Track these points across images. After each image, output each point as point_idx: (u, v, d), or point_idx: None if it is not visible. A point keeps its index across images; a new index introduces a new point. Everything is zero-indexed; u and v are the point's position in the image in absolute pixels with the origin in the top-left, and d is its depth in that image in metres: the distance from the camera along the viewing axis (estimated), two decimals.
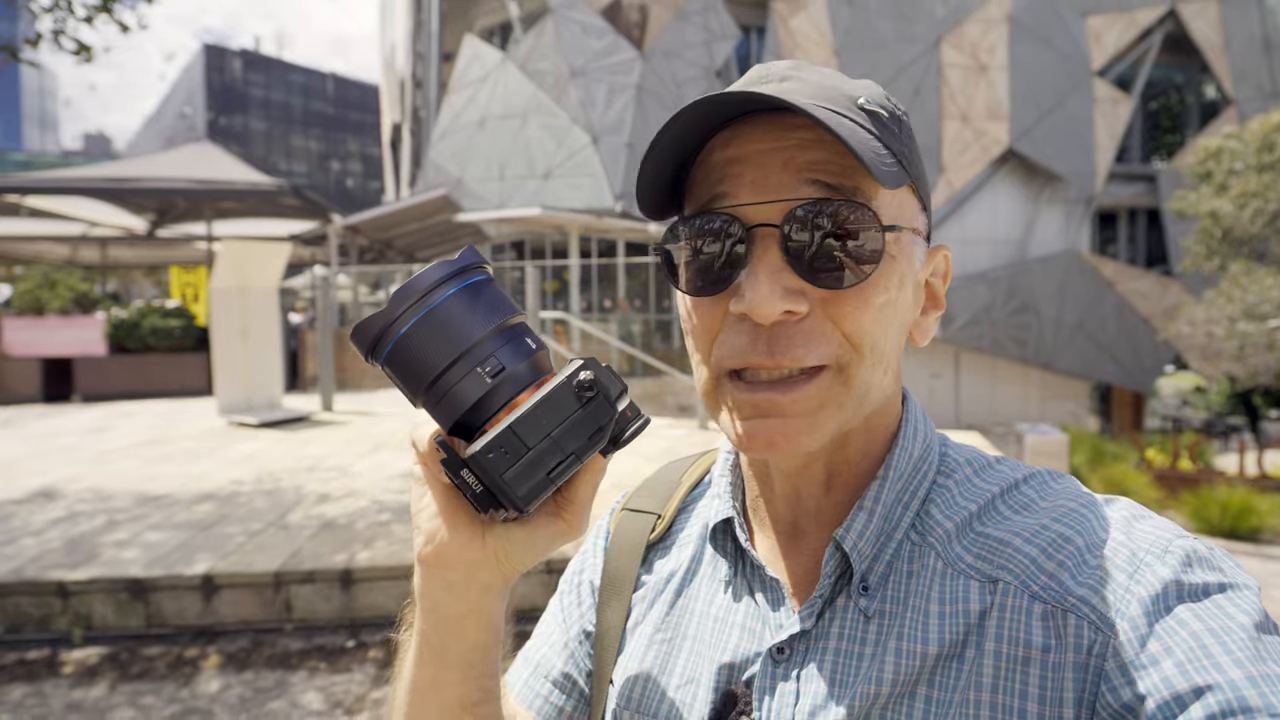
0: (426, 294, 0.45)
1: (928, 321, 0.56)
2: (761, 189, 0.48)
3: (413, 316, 0.44)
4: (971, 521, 0.51)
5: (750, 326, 0.48)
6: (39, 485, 5.43)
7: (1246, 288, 11.48)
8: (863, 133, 0.47)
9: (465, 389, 0.44)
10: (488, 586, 0.50)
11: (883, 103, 0.51)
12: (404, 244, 16.46)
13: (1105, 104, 17.06)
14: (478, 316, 0.45)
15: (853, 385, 0.48)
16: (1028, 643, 0.45)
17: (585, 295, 15.09)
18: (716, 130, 0.50)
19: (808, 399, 0.48)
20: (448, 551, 0.48)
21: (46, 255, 17.21)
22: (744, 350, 0.48)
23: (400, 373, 0.46)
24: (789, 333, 0.47)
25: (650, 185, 0.51)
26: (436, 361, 0.44)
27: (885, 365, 0.50)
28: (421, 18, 19.53)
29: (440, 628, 0.51)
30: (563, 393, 0.44)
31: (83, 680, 3.18)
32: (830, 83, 0.51)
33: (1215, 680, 0.39)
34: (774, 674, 0.52)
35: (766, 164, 0.48)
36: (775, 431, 0.48)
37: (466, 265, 0.46)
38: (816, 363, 0.47)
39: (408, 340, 0.44)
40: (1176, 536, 0.46)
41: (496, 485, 0.43)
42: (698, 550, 0.62)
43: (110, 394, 10.92)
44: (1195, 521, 7.96)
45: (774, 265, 0.47)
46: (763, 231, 0.48)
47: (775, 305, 0.46)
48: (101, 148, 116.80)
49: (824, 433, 0.49)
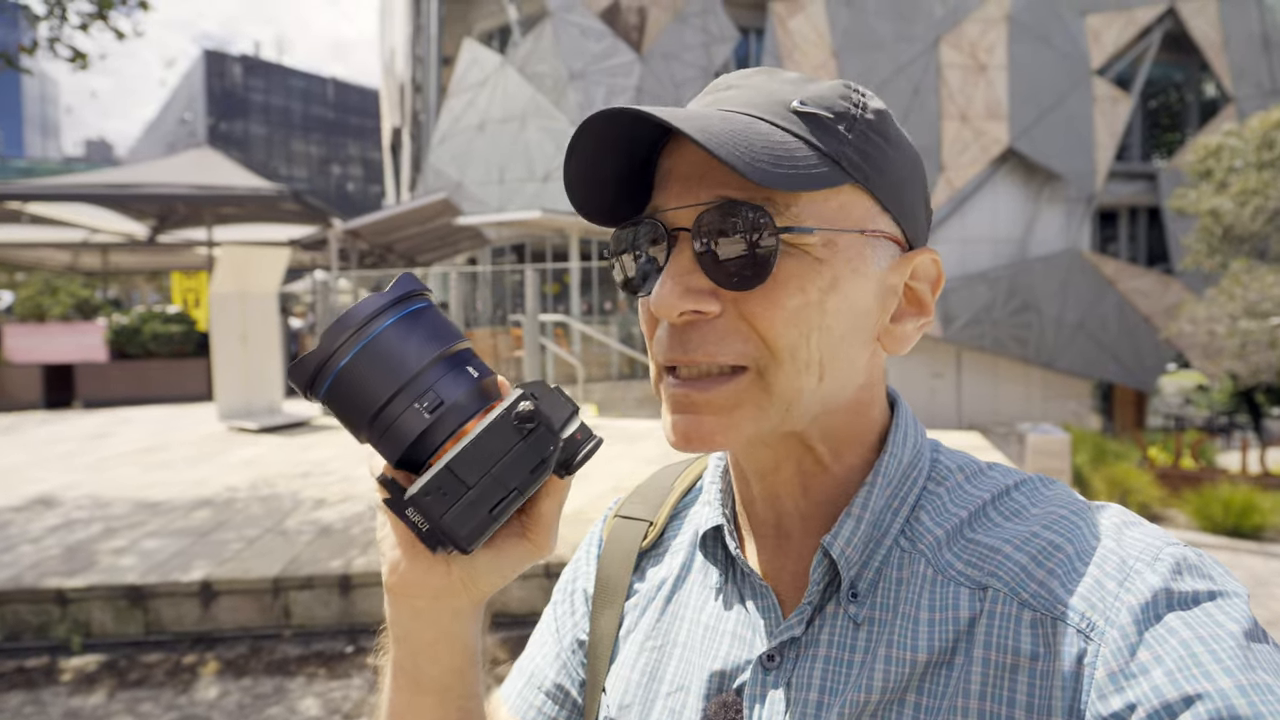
0: (363, 326, 0.43)
1: (904, 328, 0.54)
2: (680, 197, 0.50)
3: (350, 350, 0.43)
4: (962, 528, 0.51)
5: (669, 325, 0.50)
6: (38, 492, 5.43)
7: (1248, 285, 11.47)
8: (773, 135, 0.46)
9: (405, 425, 0.43)
10: (457, 612, 0.50)
11: (831, 103, 0.49)
12: (404, 248, 16.47)
13: (1105, 102, 17.07)
14: (416, 346, 0.44)
15: (773, 389, 0.49)
16: (1016, 650, 0.44)
17: (586, 298, 15.11)
18: (666, 138, 0.52)
19: (723, 398, 0.49)
20: (412, 580, 0.48)
21: (48, 262, 17.25)
22: (666, 347, 0.50)
23: (341, 408, 0.44)
24: (701, 331, 0.49)
25: (584, 191, 0.52)
26: (376, 396, 0.43)
27: (817, 371, 0.49)
28: (421, 22, 19.58)
29: (412, 654, 0.52)
30: (501, 426, 0.43)
31: (81, 688, 3.17)
32: (774, 89, 0.50)
33: (1205, 689, 0.38)
34: (764, 681, 0.51)
35: (689, 176, 0.49)
36: (691, 427, 0.49)
37: (404, 294, 0.45)
38: (734, 361, 0.48)
39: (346, 375, 0.43)
40: (1166, 544, 0.46)
41: (437, 527, 0.43)
42: (688, 557, 0.62)
43: (111, 400, 10.94)
44: (1198, 520, 7.93)
45: (683, 267, 0.49)
46: (680, 235, 0.50)
47: (675, 304, 0.48)
48: (103, 154, 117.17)
49: (740, 432, 0.49)
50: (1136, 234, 19.17)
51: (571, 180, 0.51)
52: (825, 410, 0.51)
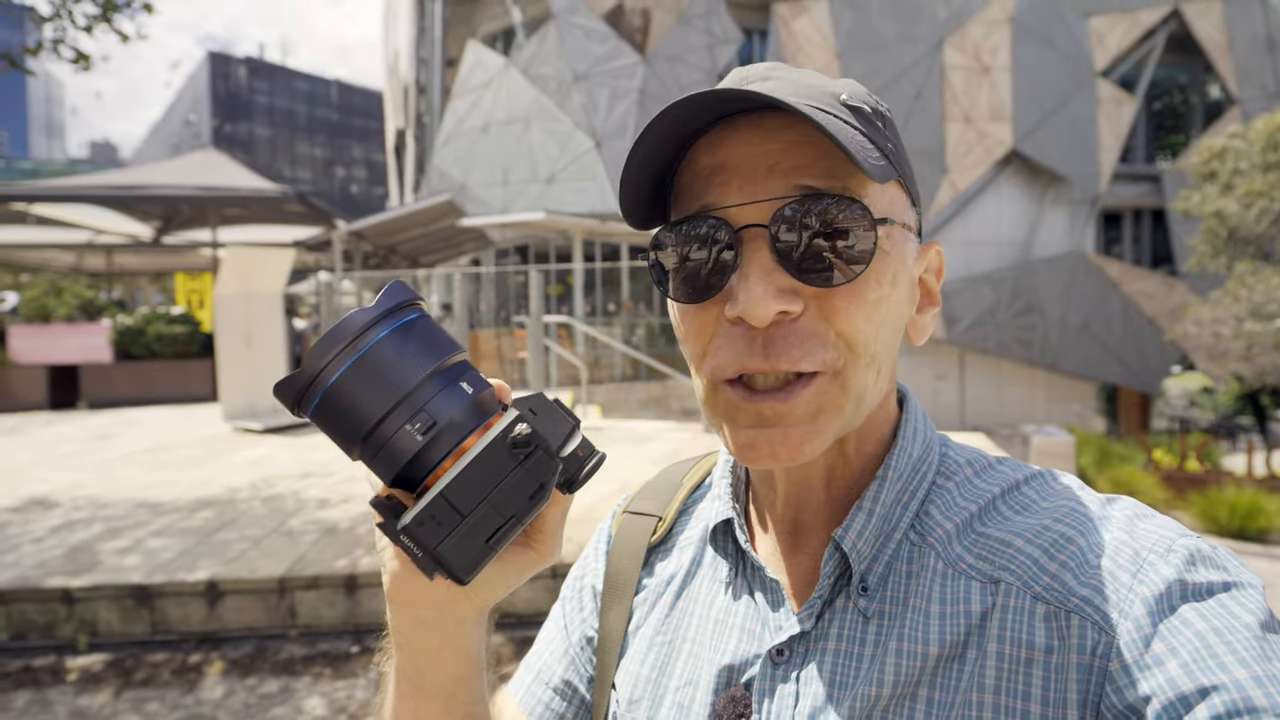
0: (354, 340, 0.41)
1: (924, 319, 0.55)
2: (747, 192, 0.47)
3: (340, 366, 0.41)
4: (972, 522, 0.51)
5: (745, 331, 0.47)
6: (44, 492, 5.45)
7: (1253, 287, 11.42)
8: (849, 129, 0.46)
9: (399, 445, 0.41)
10: (460, 620, 0.49)
11: (865, 99, 0.50)
12: (408, 249, 16.50)
13: (1109, 104, 17.03)
14: (410, 361, 0.42)
15: (849, 388, 0.48)
16: (1030, 644, 0.44)
17: (589, 299, 15.11)
18: (699, 133, 0.49)
19: (806, 405, 0.47)
20: (414, 592, 0.47)
21: (53, 263, 17.31)
22: (740, 355, 0.47)
23: (331, 426, 0.42)
24: (784, 334, 0.46)
25: (634, 191, 0.50)
26: (368, 415, 0.41)
27: (878, 365, 0.49)
28: (424, 24, 19.62)
29: (416, 662, 0.51)
30: (496, 452, 0.41)
31: (87, 687, 3.18)
32: (812, 81, 0.50)
33: (1220, 680, 0.38)
34: (773, 676, 0.51)
35: (753, 169, 0.47)
36: (777, 442, 0.47)
37: (396, 305, 0.43)
38: (813, 368, 0.47)
39: (335, 392, 0.41)
40: (1180, 535, 0.46)
41: (431, 557, 0.41)
42: (698, 552, 0.62)
43: (116, 401, 10.96)
44: (1203, 522, 7.91)
45: (765, 266, 0.46)
46: (751, 233, 0.47)
47: (770, 306, 0.45)
48: (107, 155, 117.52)
49: (825, 439, 0.48)
50: (1141, 236, 19.11)
51: (632, 178, 0.48)
52: (873, 406, 0.51)
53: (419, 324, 0.43)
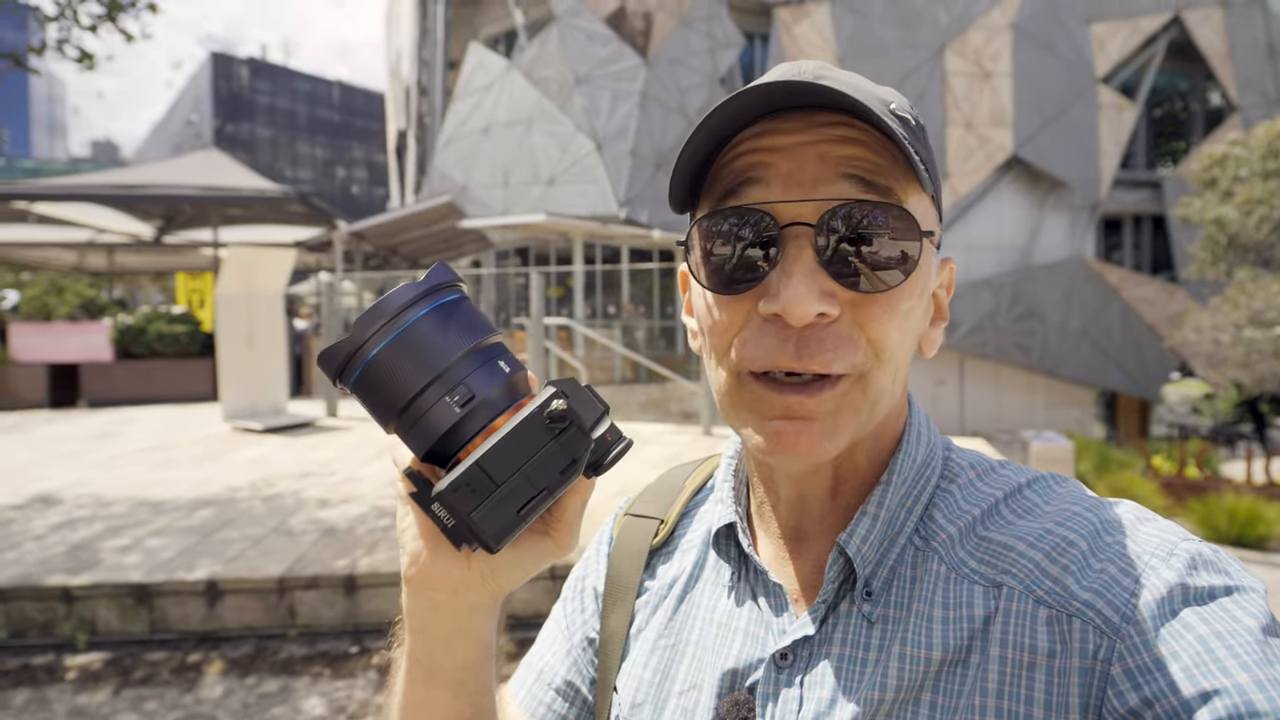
0: (396, 315, 0.43)
1: (935, 333, 0.56)
2: (796, 183, 0.47)
3: (383, 339, 0.42)
4: (975, 526, 0.51)
5: (779, 328, 0.47)
6: (43, 490, 5.45)
7: (1252, 294, 11.44)
8: (901, 135, 0.46)
9: (435, 417, 0.43)
10: (475, 606, 0.49)
11: (909, 110, 0.50)
12: (409, 250, 16.51)
13: (1110, 110, 17.06)
14: (449, 339, 0.43)
15: (870, 392, 0.48)
16: (1033, 648, 0.44)
17: (589, 301, 15.12)
18: (745, 126, 0.49)
19: (831, 404, 0.47)
20: (432, 572, 0.47)
21: (54, 261, 17.31)
22: (771, 352, 0.47)
23: (370, 398, 0.44)
24: (819, 336, 0.46)
25: (684, 175, 0.50)
26: (407, 387, 0.42)
27: (897, 373, 0.50)
28: (427, 25, 19.65)
29: (429, 646, 0.51)
30: (533, 425, 0.42)
31: (86, 685, 3.18)
32: (862, 85, 0.50)
33: (1223, 685, 0.38)
34: (777, 680, 0.51)
35: (801, 155, 0.47)
36: (801, 434, 0.48)
37: (438, 284, 0.44)
38: (842, 371, 0.47)
39: (377, 364, 0.42)
40: (1182, 539, 0.46)
41: (464, 524, 0.42)
42: (700, 555, 0.62)
43: (116, 399, 10.96)
44: (1202, 529, 7.90)
45: (809, 266, 0.46)
46: (797, 230, 0.46)
47: (811, 307, 0.45)
48: (109, 155, 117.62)
49: (843, 437, 0.48)
50: (1141, 242, 19.14)
51: (688, 162, 0.48)
52: (888, 412, 0.52)
53: (460, 305, 0.45)
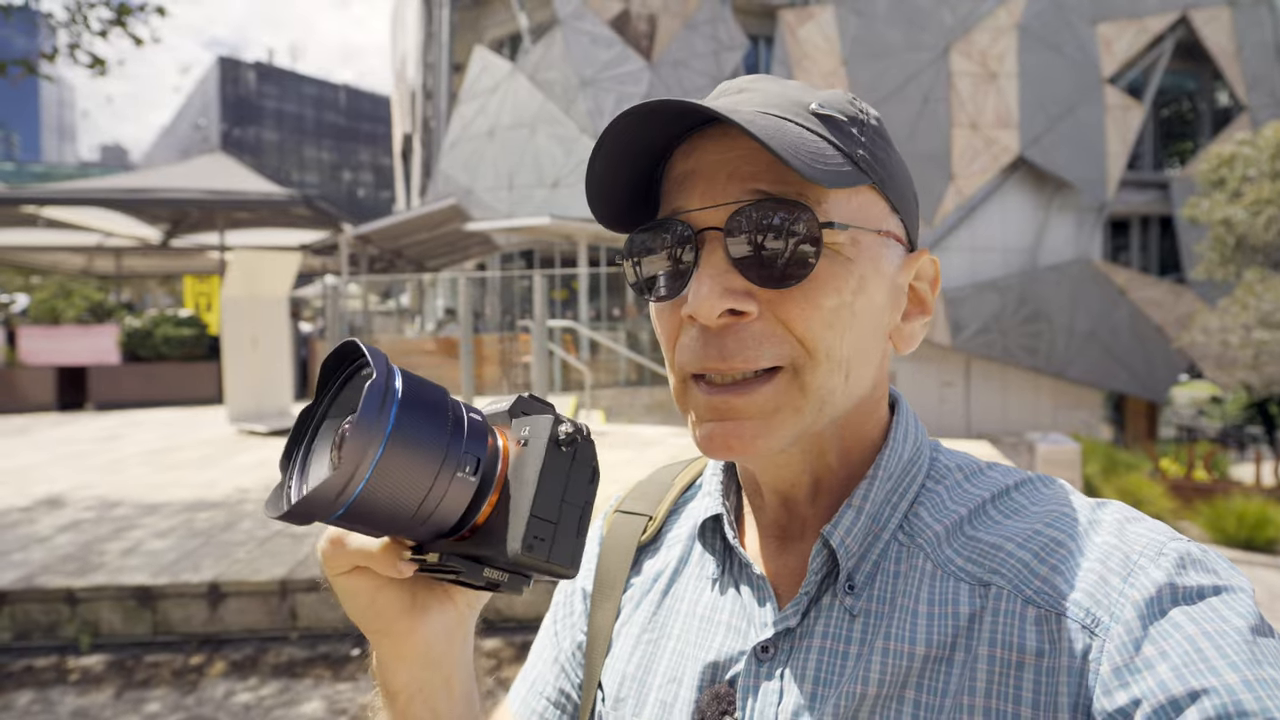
0: (374, 439, 0.39)
1: (911, 327, 0.55)
2: (708, 197, 0.49)
3: (368, 469, 0.39)
4: (962, 525, 0.51)
5: (701, 330, 0.48)
6: (50, 492, 5.48)
7: (1261, 295, 11.37)
8: (804, 134, 0.47)
9: (455, 498, 0.42)
10: (468, 632, 0.53)
11: (843, 107, 0.51)
12: (414, 253, 16.58)
13: (1116, 111, 17.00)
14: (432, 421, 0.41)
15: (808, 390, 0.49)
16: (1021, 647, 0.44)
17: (594, 304, 15.13)
18: (678, 141, 0.51)
19: (763, 401, 0.48)
20: (426, 633, 0.49)
21: (63, 265, 17.45)
22: (698, 354, 0.48)
23: (364, 520, 0.41)
24: (739, 335, 0.48)
25: (608, 195, 0.52)
26: (418, 487, 0.41)
27: (845, 370, 0.49)
28: (432, 29, 19.75)
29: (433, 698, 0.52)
30: (554, 457, 0.44)
31: (89, 687, 3.19)
32: (787, 92, 0.51)
33: (1211, 684, 0.38)
34: (758, 673, 0.51)
35: (715, 175, 0.49)
36: (731, 434, 0.48)
37: (386, 377, 0.40)
38: (770, 364, 0.48)
39: (371, 492, 0.39)
40: (1170, 539, 0.45)
41: (545, 570, 0.44)
42: (686, 550, 0.62)
43: (123, 402, 11.03)
44: (1211, 532, 7.85)
45: (718, 267, 0.48)
46: (710, 235, 0.48)
47: (715, 305, 0.47)
48: (118, 159, 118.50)
49: (780, 436, 0.49)
50: (1148, 243, 19.05)
51: (596, 182, 0.50)
52: (846, 410, 0.52)
53: (414, 385, 0.41)
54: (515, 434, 0.45)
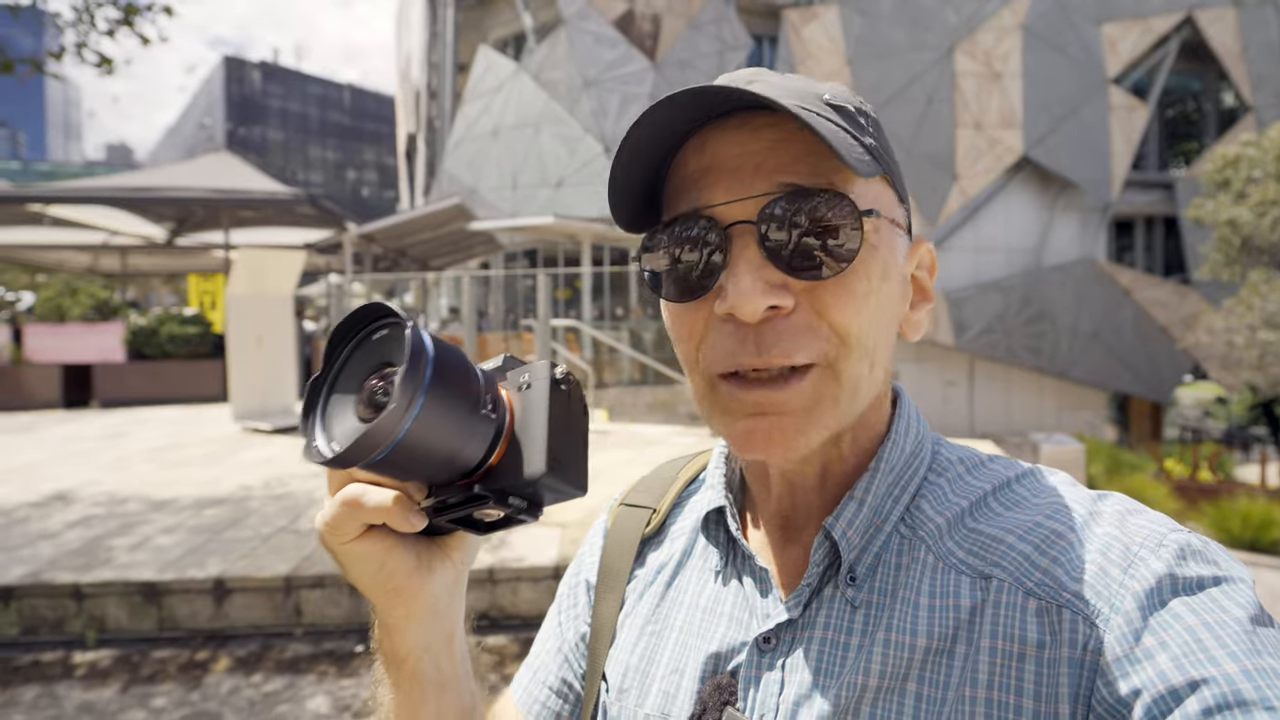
0: (419, 379, 0.40)
1: (918, 315, 0.56)
2: (734, 190, 0.48)
3: (416, 408, 0.40)
4: (964, 517, 0.51)
5: (736, 327, 0.48)
6: (56, 489, 5.51)
7: (1266, 296, 11.32)
8: (833, 125, 0.47)
9: (481, 435, 0.45)
10: (461, 591, 0.54)
11: (848, 99, 0.51)
12: (418, 252, 16.60)
13: (1121, 111, 16.94)
14: (462, 368, 0.44)
15: (843, 380, 0.48)
16: (1022, 639, 0.44)
17: (597, 303, 15.14)
18: (688, 136, 0.50)
19: (803, 395, 0.47)
20: (433, 587, 0.51)
21: (68, 263, 17.51)
22: (733, 352, 0.48)
23: (400, 463, 0.42)
24: (776, 329, 0.47)
25: (624, 194, 0.51)
26: (453, 428, 0.43)
27: (872, 359, 0.50)
28: (436, 29, 19.77)
29: (437, 654, 0.53)
30: (558, 396, 0.47)
31: (95, 682, 3.20)
32: (795, 84, 0.51)
33: (1210, 674, 0.38)
34: (760, 663, 0.51)
35: (740, 167, 0.48)
36: (774, 429, 0.48)
37: (417, 328, 0.42)
38: (806, 360, 0.47)
39: (418, 430, 0.41)
40: (1171, 530, 0.46)
41: (563, 490, 0.47)
42: (689, 542, 0.62)
43: (128, 400, 11.07)
44: (1216, 534, 7.82)
45: (754, 261, 0.47)
46: (739, 229, 0.48)
47: (759, 300, 0.46)
48: (123, 158, 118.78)
49: (820, 430, 0.48)
50: (1153, 244, 18.98)
51: (621, 175, 0.50)
52: (870, 400, 0.52)
53: (443, 351, 0.43)
54: (514, 383, 0.49)
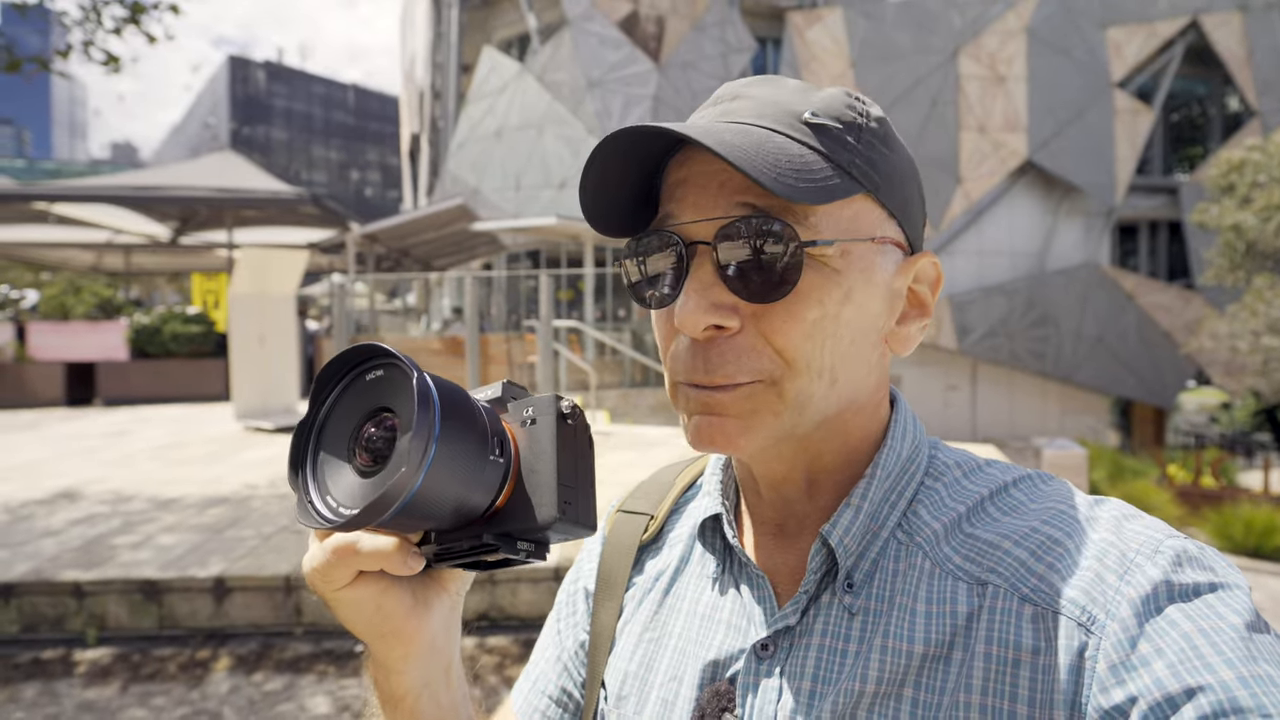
0: (428, 434, 0.39)
1: (908, 330, 0.55)
2: (699, 209, 0.50)
3: (425, 465, 0.39)
4: (960, 523, 0.51)
5: (690, 342, 0.50)
6: (59, 487, 5.52)
7: (1271, 302, 11.29)
8: (788, 147, 0.47)
9: (489, 482, 0.44)
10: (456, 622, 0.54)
11: (838, 113, 0.50)
12: (421, 252, 16.63)
13: (1125, 115, 16.92)
14: (468, 414, 0.43)
15: (786, 397, 0.49)
16: (1018, 645, 0.44)
17: (599, 305, 15.14)
18: (677, 147, 0.52)
19: (742, 402, 0.49)
20: (430, 630, 0.50)
21: (72, 262, 17.57)
22: (686, 366, 0.50)
23: (409, 518, 0.41)
24: (720, 349, 0.49)
25: (609, 205, 0.52)
26: (462, 480, 0.42)
27: (829, 376, 0.50)
28: (441, 29, 19.80)
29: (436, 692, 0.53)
30: (565, 432, 0.48)
31: (95, 680, 3.21)
32: (781, 99, 0.51)
33: (1207, 681, 0.38)
34: (757, 670, 0.51)
35: (706, 185, 0.50)
36: (715, 428, 0.50)
37: (422, 376, 0.41)
38: (748, 379, 0.49)
39: (428, 487, 0.40)
40: (1167, 536, 0.46)
41: (574, 531, 0.47)
42: (687, 549, 0.62)
43: (131, 398, 11.10)
44: (1218, 540, 7.79)
45: (705, 281, 0.49)
46: (699, 248, 0.49)
47: (700, 319, 0.48)
48: (128, 157, 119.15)
49: (759, 435, 0.50)
50: (1157, 248, 18.95)
51: (587, 193, 0.51)
52: (837, 413, 0.52)
53: (436, 380, 0.42)
54: (516, 416, 0.48)
